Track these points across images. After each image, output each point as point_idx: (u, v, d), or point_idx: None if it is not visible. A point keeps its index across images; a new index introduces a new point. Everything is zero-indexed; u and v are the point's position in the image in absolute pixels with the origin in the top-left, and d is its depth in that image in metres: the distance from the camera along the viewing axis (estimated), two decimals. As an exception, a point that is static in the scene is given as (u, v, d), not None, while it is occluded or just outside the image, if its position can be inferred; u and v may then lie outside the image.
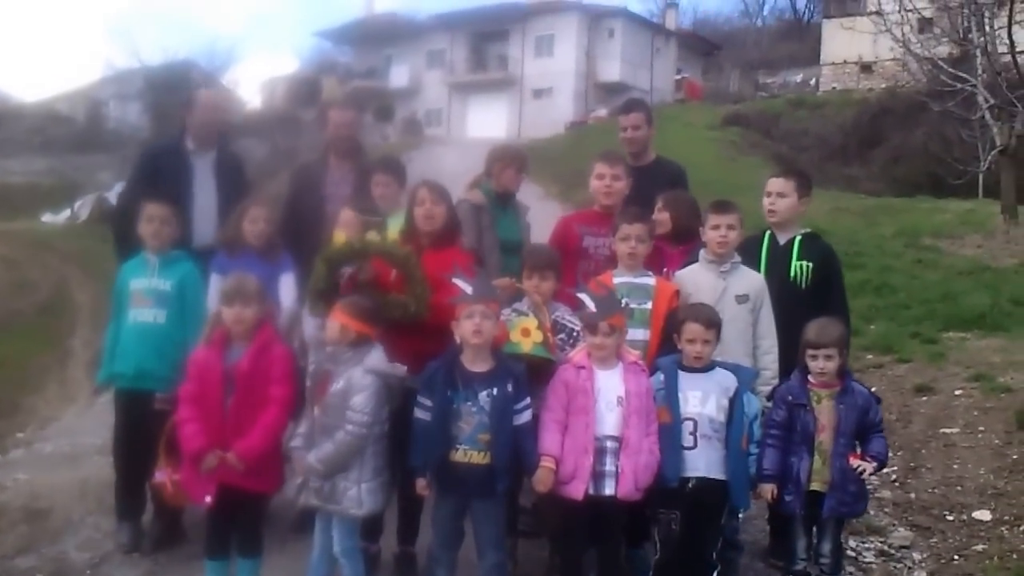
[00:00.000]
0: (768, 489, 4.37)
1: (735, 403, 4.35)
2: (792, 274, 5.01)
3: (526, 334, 4.46)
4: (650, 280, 4.76)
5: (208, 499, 4.23)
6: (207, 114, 5.79)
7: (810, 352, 4.37)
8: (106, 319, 5.26)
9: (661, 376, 4.39)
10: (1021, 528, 5.48)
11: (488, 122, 45.10)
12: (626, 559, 4.77)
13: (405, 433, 4.26)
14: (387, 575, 4.79)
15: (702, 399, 4.34)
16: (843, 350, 4.39)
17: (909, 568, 5.20)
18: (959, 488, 6.10)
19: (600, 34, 46.16)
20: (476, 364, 4.18)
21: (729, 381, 4.38)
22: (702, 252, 4.92)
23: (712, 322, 4.39)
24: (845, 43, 43.60)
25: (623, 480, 4.17)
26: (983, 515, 5.68)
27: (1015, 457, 6.41)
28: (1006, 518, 5.62)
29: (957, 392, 7.93)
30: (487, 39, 48.45)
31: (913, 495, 6.11)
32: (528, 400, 4.21)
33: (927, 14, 24.62)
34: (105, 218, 27.19)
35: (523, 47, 46.86)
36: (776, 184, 5.13)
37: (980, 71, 17.47)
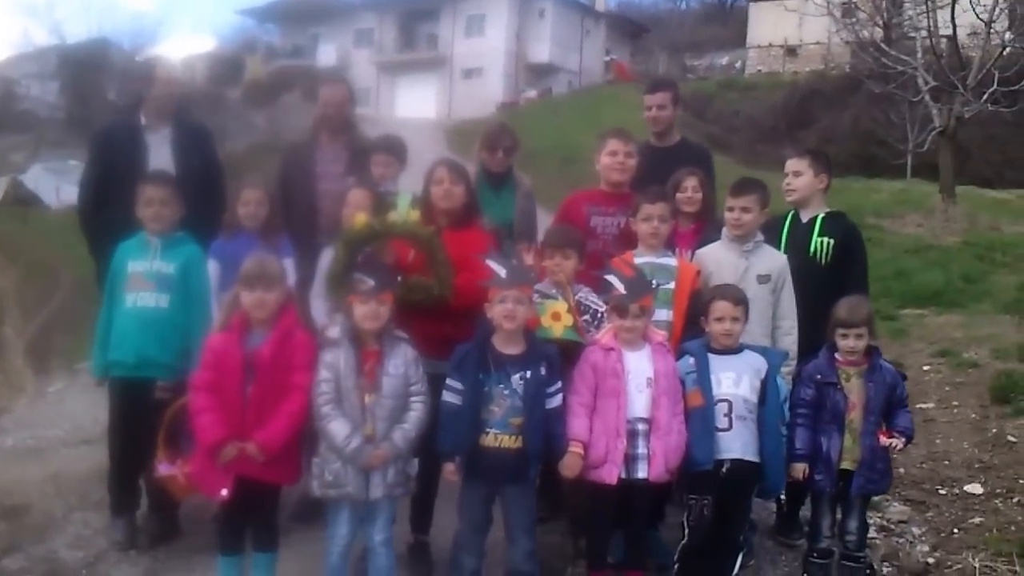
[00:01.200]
0: (800, 468, 4.38)
1: (767, 385, 4.34)
2: (812, 250, 5.03)
3: (556, 318, 4.40)
4: (672, 260, 4.74)
5: (224, 492, 4.05)
6: (162, 88, 5.54)
7: (840, 331, 4.39)
8: (33, 304, 5.03)
9: (691, 359, 4.35)
10: (1015, 500, 5.62)
11: (417, 102, 44.67)
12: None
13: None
14: (401, 566, 4.62)
15: (735, 380, 4.32)
16: (872, 328, 4.45)
17: (911, 542, 5.27)
18: (946, 463, 6.24)
19: (530, 15, 45.95)
20: (508, 347, 4.10)
21: (760, 363, 4.36)
22: (724, 230, 4.94)
23: (740, 300, 4.38)
24: (771, 26, 44.49)
25: (655, 462, 4.14)
26: (975, 488, 5.81)
27: (994, 431, 6.59)
28: (998, 491, 5.75)
29: (925, 368, 8.13)
30: (416, 18, 47.83)
31: (903, 470, 6.20)
32: (560, 384, 4.15)
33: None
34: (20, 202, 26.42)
35: (453, 27, 46.45)
36: (791, 164, 5.18)
37: (920, 53, 17.88)
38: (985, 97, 16.27)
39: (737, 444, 4.28)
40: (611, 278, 4.31)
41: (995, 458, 6.17)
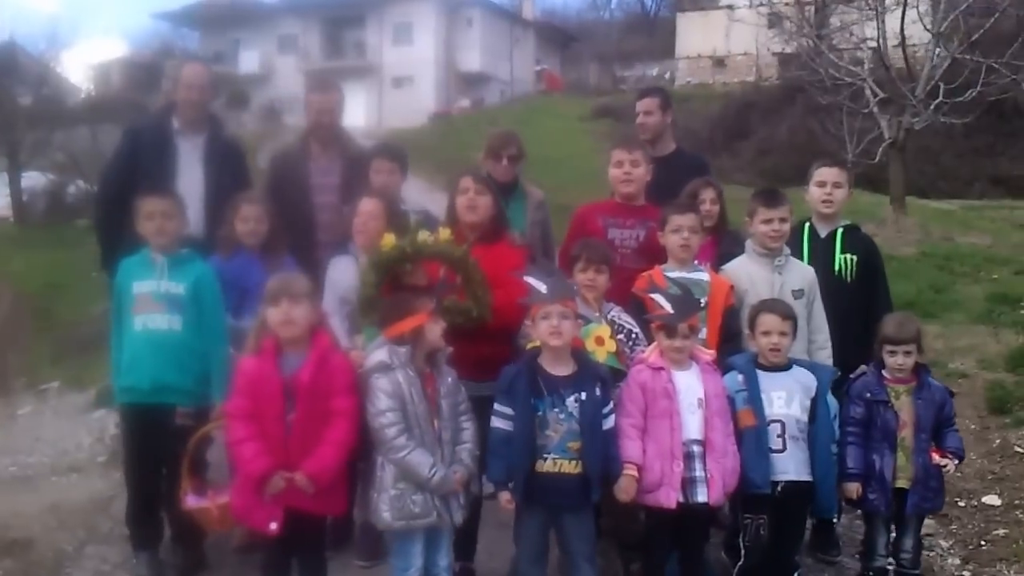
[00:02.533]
0: (854, 488, 4.27)
1: (818, 402, 4.22)
2: (837, 268, 4.92)
3: (600, 343, 4.24)
4: (704, 275, 4.58)
5: (274, 526, 3.79)
6: (190, 93, 5.30)
7: (889, 348, 4.29)
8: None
9: (739, 376, 4.21)
10: (1035, 512, 5.59)
11: (347, 111, 43.96)
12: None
13: None
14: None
15: (787, 400, 4.20)
16: (920, 345, 4.32)
17: (941, 556, 5.21)
18: (959, 475, 6.15)
19: (459, 23, 45.76)
20: (558, 367, 3.91)
21: (809, 380, 4.24)
22: (749, 244, 4.78)
23: (788, 315, 4.26)
24: (699, 37, 45.12)
25: (713, 486, 3.98)
26: (992, 500, 5.77)
27: (999, 442, 6.57)
28: (1016, 502, 5.72)
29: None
30: (342, 25, 47.17)
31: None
32: (612, 404, 3.98)
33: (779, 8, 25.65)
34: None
35: (381, 34, 45.95)
36: (832, 174, 5.03)
37: (868, 65, 18.13)
38: (932, 108, 16.53)
39: (791, 465, 4.17)
40: (657, 297, 4.15)
41: (1007, 469, 6.15)
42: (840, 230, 5.00)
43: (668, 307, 4.07)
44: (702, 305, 4.27)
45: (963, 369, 8.04)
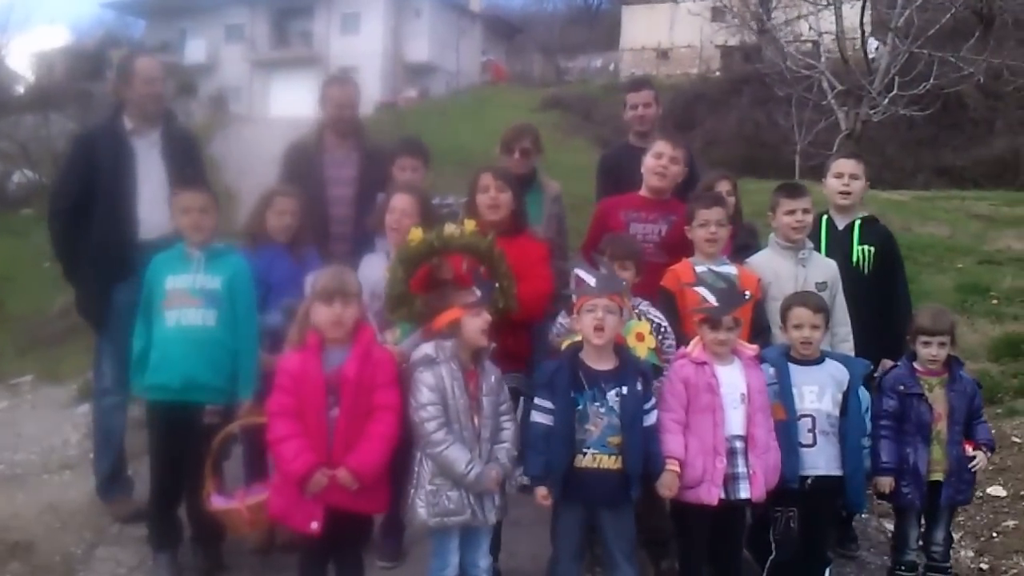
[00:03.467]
0: (887, 483, 4.27)
1: (849, 397, 4.21)
2: (855, 259, 4.91)
3: (640, 339, 4.21)
4: (732, 268, 4.52)
5: (315, 525, 3.69)
6: (145, 87, 5.06)
7: (924, 339, 4.29)
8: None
9: (771, 370, 4.18)
10: (1043, 503, 5.65)
11: (292, 100, 43.41)
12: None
13: None
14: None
15: (818, 394, 4.18)
16: (954, 336, 4.32)
17: (954, 548, 5.19)
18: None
19: (407, 13, 45.39)
20: (600, 362, 3.87)
21: (841, 374, 4.22)
22: (772, 237, 4.74)
23: (820, 308, 4.25)
24: (643, 29, 45.32)
25: (755, 482, 3.96)
26: (998, 491, 5.84)
27: (994, 432, 6.54)
28: (1022, 493, 5.79)
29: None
30: (289, 15, 46.42)
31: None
32: (654, 400, 3.94)
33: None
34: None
35: (328, 24, 45.35)
36: (849, 165, 5.02)
37: (825, 58, 18.35)
38: (888, 100, 16.80)
39: (821, 460, 4.15)
40: (701, 290, 4.13)
41: (1007, 460, 6.22)
42: (858, 221, 4.99)
43: (713, 299, 4.04)
44: (747, 297, 4.21)
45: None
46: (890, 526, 5.38)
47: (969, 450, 4.25)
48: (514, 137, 5.25)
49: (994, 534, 5.34)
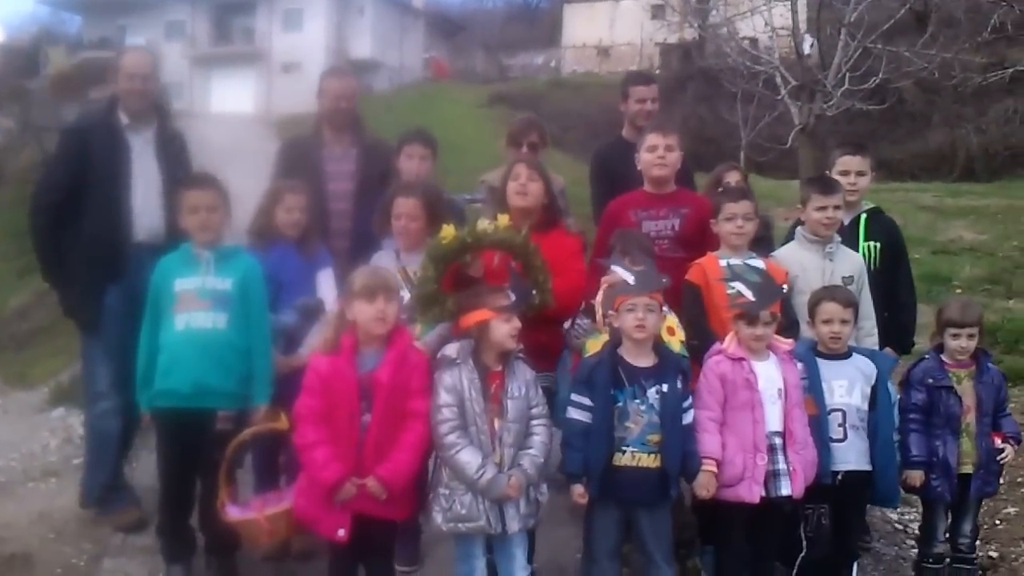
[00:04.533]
0: (917, 476, 4.27)
1: (879, 391, 4.22)
2: (861, 255, 4.90)
3: (671, 333, 4.15)
4: (759, 262, 4.49)
5: (342, 532, 3.61)
6: (132, 83, 4.91)
7: (952, 331, 4.30)
8: None
9: (799, 364, 4.15)
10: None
11: (234, 97, 42.76)
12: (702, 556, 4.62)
13: None
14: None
15: (848, 388, 4.18)
16: (983, 328, 4.37)
17: (960, 537, 5.29)
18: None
19: (350, 10, 44.93)
20: (639, 359, 3.82)
21: (869, 368, 4.23)
22: (799, 231, 4.75)
23: (850, 302, 4.24)
24: (584, 27, 45.56)
25: (796, 478, 3.94)
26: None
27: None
28: (1019, 480, 5.86)
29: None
30: (231, 11, 45.50)
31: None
32: (691, 398, 3.91)
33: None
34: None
35: (270, 21, 44.65)
36: (855, 163, 4.95)
37: (777, 53, 18.60)
38: (840, 94, 17.10)
39: (852, 455, 4.16)
40: (738, 285, 4.08)
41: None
42: (863, 216, 4.96)
43: (749, 294, 4.02)
44: (784, 290, 4.21)
45: (920, 349, 8.21)
46: (894, 516, 5.50)
47: (998, 442, 4.28)
48: (521, 131, 5.27)
49: (997, 522, 5.41)
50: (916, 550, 4.96)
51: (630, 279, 3.81)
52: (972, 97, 23.36)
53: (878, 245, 4.92)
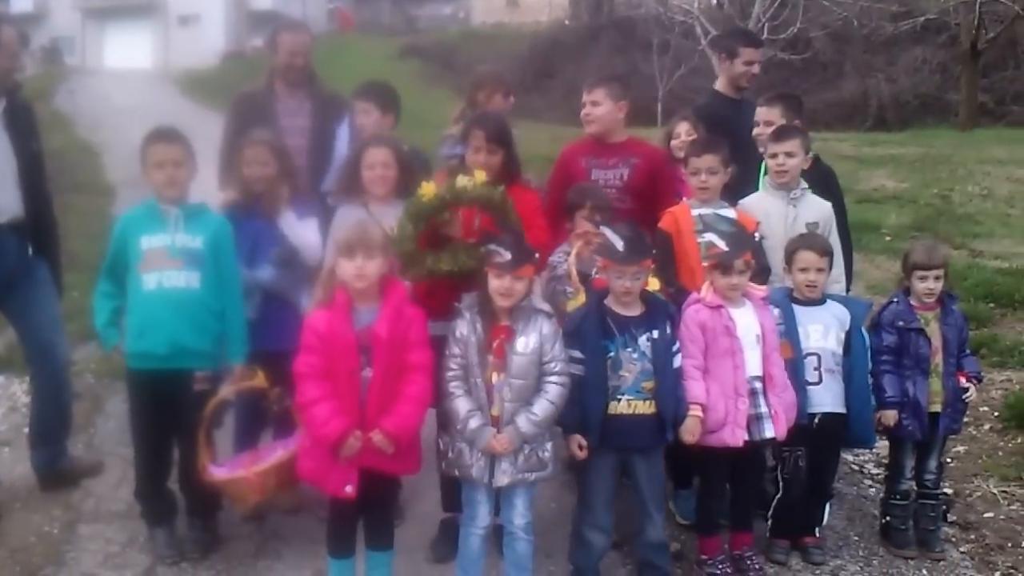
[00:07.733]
0: (892, 415, 4.34)
1: (853, 336, 4.31)
2: None
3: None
4: (730, 211, 4.52)
5: (349, 488, 3.57)
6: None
7: (919, 273, 4.36)
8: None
9: (775, 310, 4.21)
10: (985, 427, 5.96)
11: (130, 51, 41.23)
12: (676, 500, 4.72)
13: None
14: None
15: (823, 333, 4.27)
16: (947, 270, 4.42)
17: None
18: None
19: (250, -41, 43.65)
20: (628, 308, 3.84)
21: (843, 314, 4.33)
22: (766, 179, 4.74)
23: (825, 251, 4.30)
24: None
25: (778, 420, 4.01)
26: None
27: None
28: (966, 420, 5.92)
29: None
30: (125, -39, 44.02)
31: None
32: (678, 343, 3.93)
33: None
34: None
35: (165, -29, 43.19)
36: (763, 113, 5.06)
37: (696, 2, 18.66)
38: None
39: (828, 397, 4.25)
40: (711, 236, 4.10)
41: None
42: None
43: (722, 244, 4.04)
44: (756, 239, 4.21)
45: (857, 296, 8.38)
46: (850, 457, 5.59)
47: (963, 381, 4.38)
48: (497, 81, 5.37)
49: (948, 460, 5.54)
50: (874, 489, 5.11)
51: (619, 245, 3.76)
52: (882, 46, 23.80)
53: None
